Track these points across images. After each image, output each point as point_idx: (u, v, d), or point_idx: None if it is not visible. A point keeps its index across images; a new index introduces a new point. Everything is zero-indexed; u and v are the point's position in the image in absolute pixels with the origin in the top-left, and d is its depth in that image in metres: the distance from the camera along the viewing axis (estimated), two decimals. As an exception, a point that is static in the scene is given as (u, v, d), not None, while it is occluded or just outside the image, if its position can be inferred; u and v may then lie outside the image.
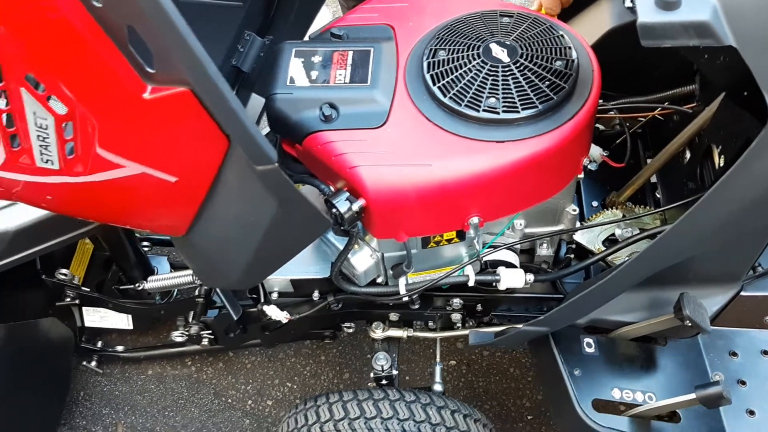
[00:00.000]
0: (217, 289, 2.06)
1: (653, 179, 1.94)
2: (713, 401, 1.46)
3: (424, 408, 1.77)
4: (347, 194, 1.45)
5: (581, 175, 1.58)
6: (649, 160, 1.97)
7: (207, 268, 1.61)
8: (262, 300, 1.93)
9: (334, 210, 1.44)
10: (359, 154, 1.45)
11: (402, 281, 1.68)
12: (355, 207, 1.44)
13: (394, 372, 1.93)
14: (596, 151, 1.89)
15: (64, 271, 2.22)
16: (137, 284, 2.33)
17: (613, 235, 1.85)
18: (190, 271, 2.23)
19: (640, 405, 1.59)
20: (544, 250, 1.81)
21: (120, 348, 2.48)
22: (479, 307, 1.93)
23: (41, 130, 1.18)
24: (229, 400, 2.47)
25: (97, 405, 2.46)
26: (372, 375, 1.93)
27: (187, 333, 2.18)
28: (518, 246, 1.76)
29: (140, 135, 1.20)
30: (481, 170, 1.44)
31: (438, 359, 2.01)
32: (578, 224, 1.81)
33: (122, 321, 2.43)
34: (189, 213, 1.41)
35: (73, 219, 1.95)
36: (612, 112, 1.93)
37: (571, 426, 1.62)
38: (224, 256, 1.48)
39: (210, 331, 2.16)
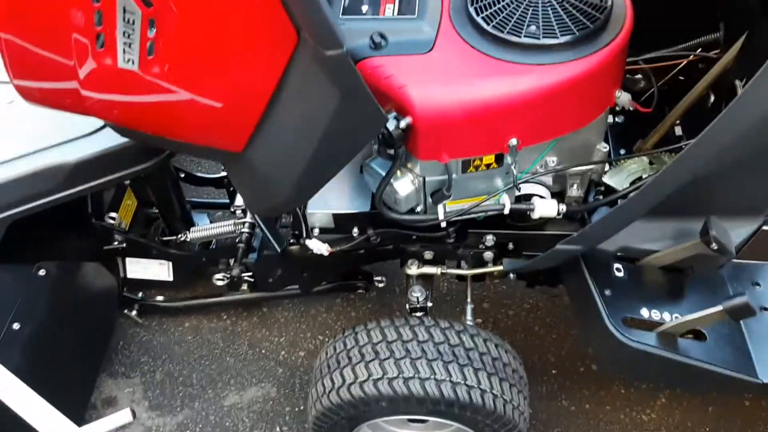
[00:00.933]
0: (261, 224, 2.15)
1: (678, 132, 2.04)
2: (739, 312, 1.54)
3: (458, 334, 1.86)
4: (394, 113, 1.56)
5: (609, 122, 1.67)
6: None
7: (259, 190, 1.72)
8: (305, 235, 2.03)
9: (382, 129, 1.55)
10: (407, 75, 1.56)
11: (441, 208, 1.78)
12: (402, 124, 1.55)
13: (429, 304, 2.01)
14: (626, 98, 1.99)
15: (113, 215, 2.33)
16: (180, 235, 2.45)
17: (640, 178, 1.94)
18: (231, 221, 2.34)
19: (668, 323, 1.67)
20: (575, 191, 1.90)
21: (160, 298, 2.58)
22: (511, 246, 2.02)
23: (128, 26, 1.29)
24: (263, 351, 2.56)
25: (135, 353, 2.56)
26: (407, 306, 2.02)
27: (228, 276, 2.27)
28: (550, 184, 1.85)
29: (215, 38, 1.32)
30: (522, 91, 1.55)
31: (469, 299, 2.10)
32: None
33: (164, 272, 2.54)
34: (250, 124, 1.52)
35: (128, 157, 2.07)
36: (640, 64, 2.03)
37: (601, 343, 1.70)
38: (279, 170, 1.59)
39: (250, 274, 2.26)
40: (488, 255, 2.04)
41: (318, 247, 1.98)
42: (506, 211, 1.79)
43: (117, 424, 1.72)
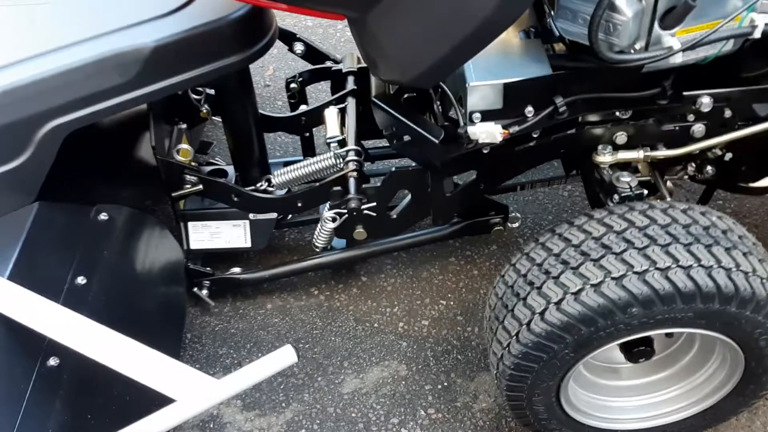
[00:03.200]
0: (401, 117, 1.62)
1: None
2: None
3: (684, 212, 1.39)
4: None
5: None
6: None
7: (386, 58, 1.25)
8: (463, 122, 1.53)
9: None
10: None
11: (671, 39, 1.33)
12: None
13: (644, 191, 1.52)
14: None
15: (184, 146, 1.79)
16: (259, 184, 1.92)
17: None
18: (329, 153, 1.83)
19: None
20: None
21: (236, 269, 2.00)
22: (728, 113, 1.56)
23: None
24: (375, 325, 2.00)
25: (210, 346, 1.96)
26: (616, 197, 1.52)
27: (344, 209, 1.73)
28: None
29: None
30: None
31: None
32: None
33: (238, 236, 1.98)
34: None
35: (219, 42, 1.56)
36: None
37: None
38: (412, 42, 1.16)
39: (373, 205, 1.73)
40: (698, 129, 1.58)
41: (489, 131, 1.49)
42: (757, 34, 1.35)
43: (279, 366, 1.15)
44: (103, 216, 1.57)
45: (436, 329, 1.98)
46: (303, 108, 2.08)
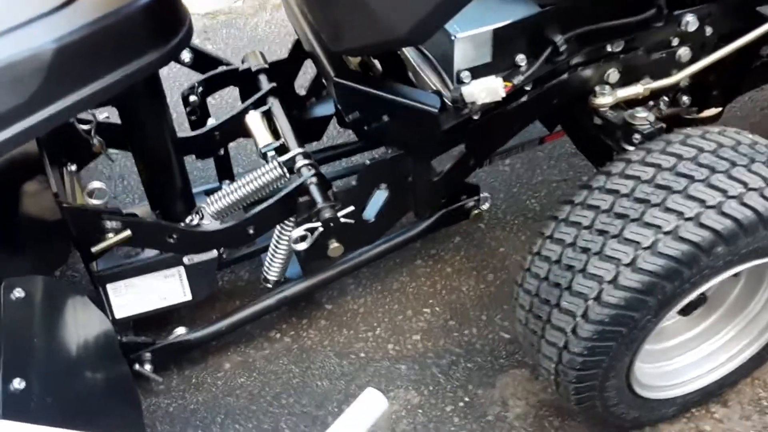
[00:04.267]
0: (401, 95, 1.33)
1: None
2: None
3: (721, 134, 1.26)
4: None
5: None
6: None
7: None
8: (452, 85, 1.30)
9: None
10: None
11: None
12: None
13: (663, 124, 1.36)
14: None
15: (97, 185, 1.39)
16: (189, 219, 1.56)
17: None
18: (272, 164, 1.52)
19: None
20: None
21: (181, 330, 1.61)
22: (708, 31, 1.46)
23: None
24: (362, 354, 1.69)
25: (170, 431, 1.55)
26: (637, 136, 1.34)
27: (315, 221, 1.42)
28: None
29: None
30: None
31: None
32: None
33: (174, 289, 1.60)
34: None
35: (125, 43, 1.21)
36: None
37: None
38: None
39: (350, 210, 1.43)
40: (684, 53, 1.46)
41: (489, 86, 1.26)
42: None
43: (371, 418, 0.84)
44: (18, 293, 1.14)
45: (431, 342, 1.71)
46: (212, 122, 1.74)
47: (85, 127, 1.54)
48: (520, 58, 1.33)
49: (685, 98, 1.60)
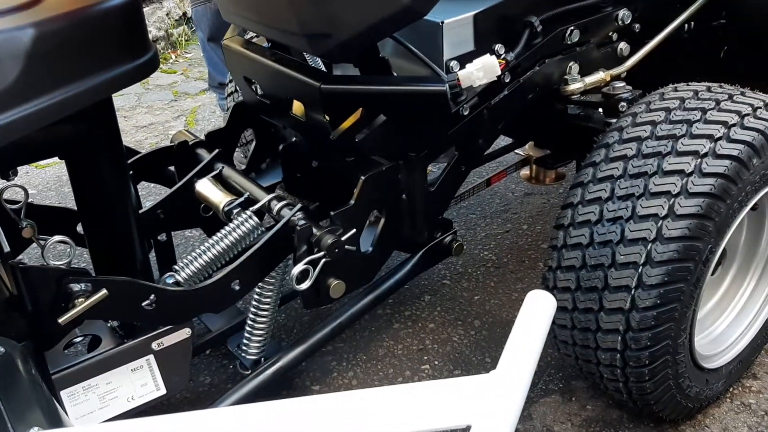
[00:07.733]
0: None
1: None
2: None
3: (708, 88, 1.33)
4: None
5: None
6: None
7: None
8: (444, 76, 1.26)
9: None
10: None
11: None
12: None
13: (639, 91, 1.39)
14: None
15: (62, 237, 1.13)
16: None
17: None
18: (244, 216, 1.36)
19: None
20: None
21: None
22: (636, 27, 1.57)
23: None
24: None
25: None
26: (623, 104, 1.35)
27: (317, 253, 1.24)
28: None
29: None
30: None
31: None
32: None
33: (144, 383, 1.31)
34: None
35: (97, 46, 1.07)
36: None
37: None
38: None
39: (352, 233, 1.28)
40: (624, 47, 1.55)
41: (487, 63, 1.24)
42: None
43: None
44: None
45: (441, 367, 1.52)
46: (149, 204, 1.54)
47: (13, 207, 1.30)
48: (499, 47, 1.34)
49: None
